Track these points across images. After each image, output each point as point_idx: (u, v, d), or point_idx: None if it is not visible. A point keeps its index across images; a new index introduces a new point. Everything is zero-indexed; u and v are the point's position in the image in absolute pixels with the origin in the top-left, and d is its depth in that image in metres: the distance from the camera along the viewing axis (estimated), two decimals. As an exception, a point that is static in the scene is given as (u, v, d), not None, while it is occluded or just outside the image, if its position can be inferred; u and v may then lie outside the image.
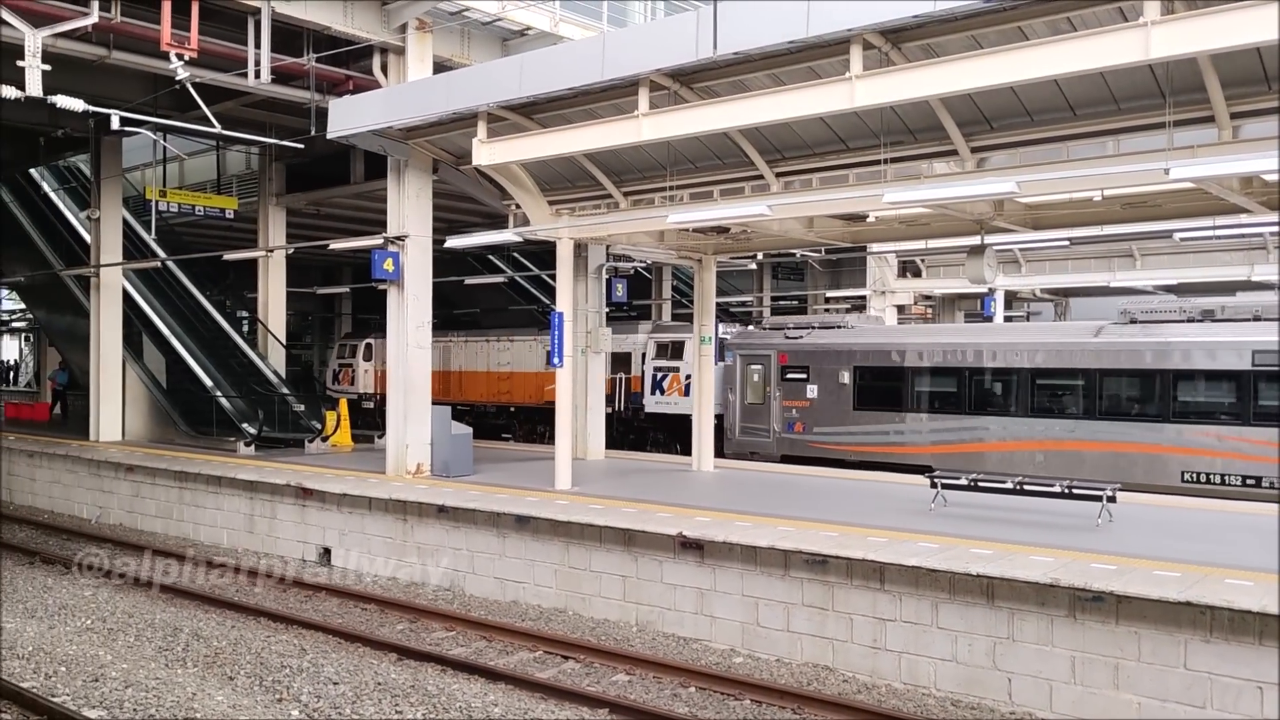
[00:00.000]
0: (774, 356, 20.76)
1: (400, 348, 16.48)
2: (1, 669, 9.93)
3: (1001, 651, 9.21)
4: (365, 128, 15.30)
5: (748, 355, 21.26)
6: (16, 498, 21.21)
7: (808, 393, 20.10)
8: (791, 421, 20.27)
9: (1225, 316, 16.18)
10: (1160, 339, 16.38)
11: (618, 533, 11.84)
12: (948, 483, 12.43)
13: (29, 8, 13.07)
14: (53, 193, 27.04)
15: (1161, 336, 16.40)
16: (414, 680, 9.81)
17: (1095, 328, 17.51)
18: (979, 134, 11.38)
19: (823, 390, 19.78)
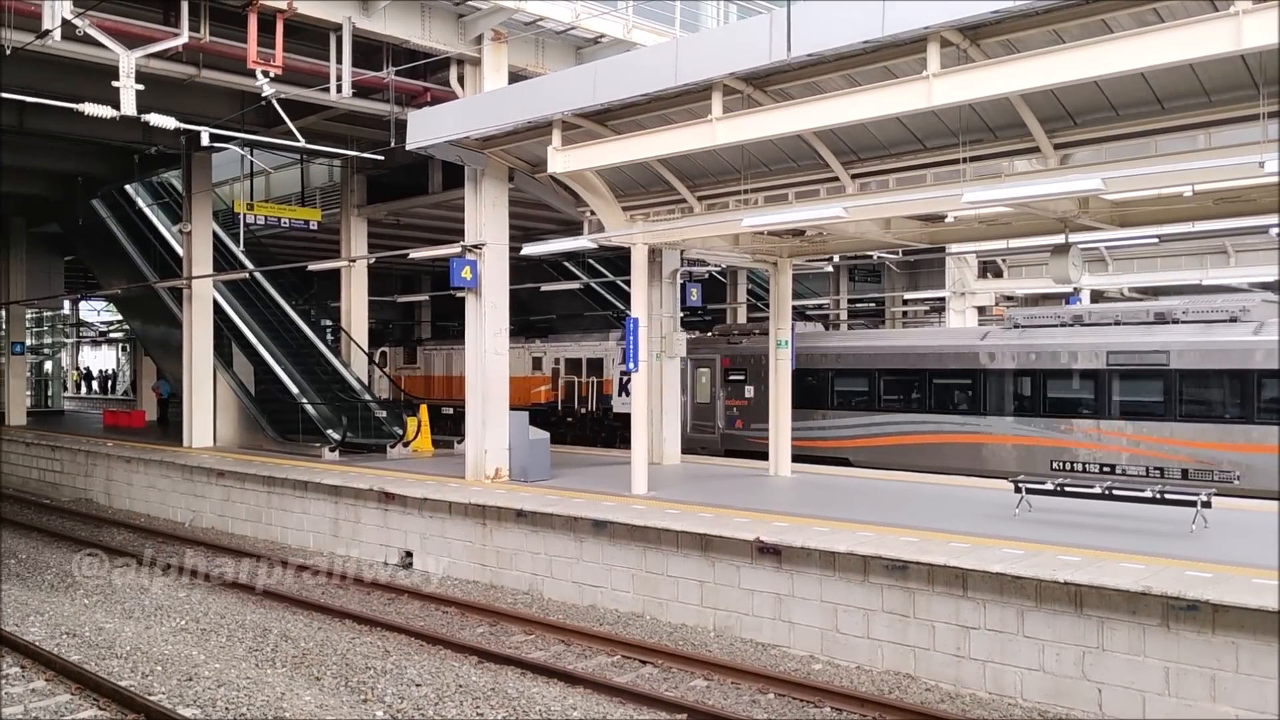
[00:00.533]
0: (718, 361, 22.71)
1: (478, 354, 16.70)
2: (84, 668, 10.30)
3: (1091, 661, 8.96)
4: (443, 138, 15.56)
5: (696, 360, 22.89)
6: (116, 502, 22.03)
7: (746, 393, 22.15)
8: (733, 419, 22.36)
9: (1091, 321, 17.77)
10: (1033, 342, 18.04)
11: (694, 537, 11.82)
12: (1032, 487, 12.14)
13: (123, 30, 13.59)
14: (147, 208, 28.05)
15: (1035, 340, 18.05)
16: (494, 683, 9.92)
17: (983, 332, 19.36)
18: (1062, 130, 11.11)
19: (758, 390, 21.28)
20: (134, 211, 27.90)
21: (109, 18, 13.48)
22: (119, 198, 27.98)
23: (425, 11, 16.09)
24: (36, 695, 9.60)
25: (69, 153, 24.74)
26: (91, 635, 11.65)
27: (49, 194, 28.22)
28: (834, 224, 13.72)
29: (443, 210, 23.43)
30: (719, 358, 22.45)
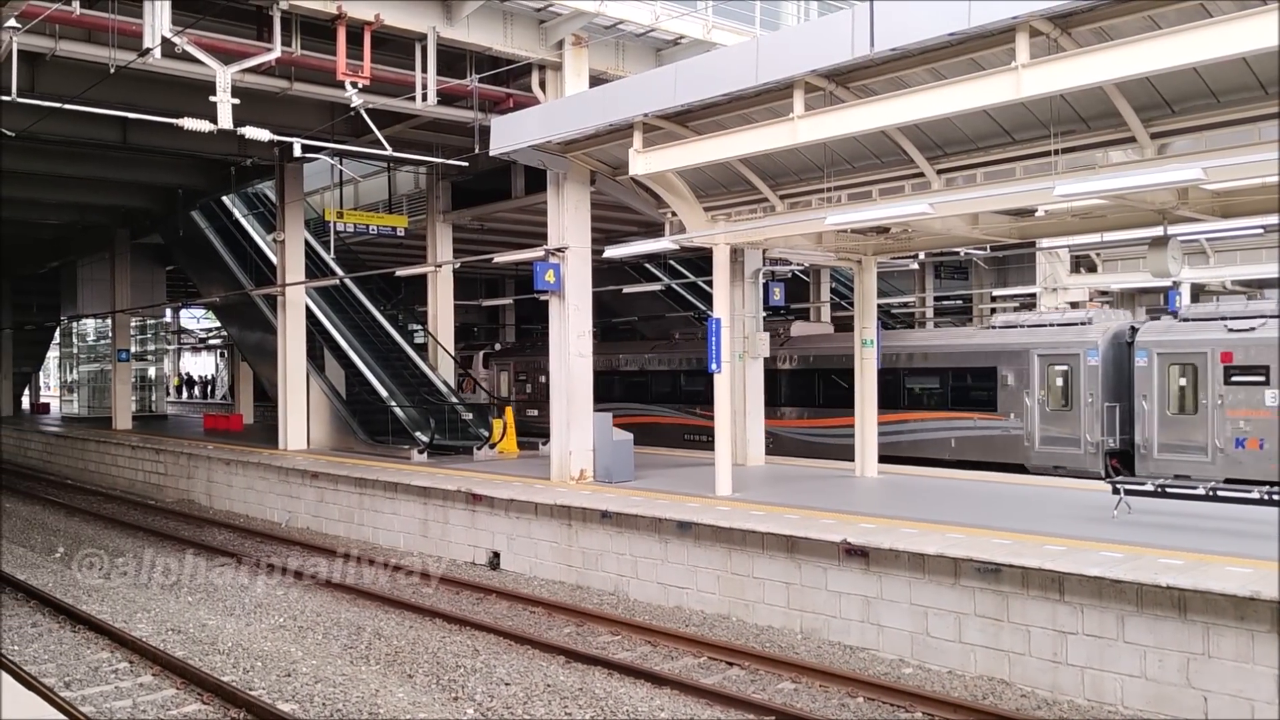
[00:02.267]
0: None
1: (562, 356, 16.85)
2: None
3: (1196, 668, 8.65)
4: (525, 143, 15.73)
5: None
6: (216, 503, 22.80)
7: None
8: None
9: None
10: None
11: (780, 539, 11.74)
12: (1131, 488, 11.76)
13: (219, 46, 14.07)
14: (243, 218, 28.98)
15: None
16: (582, 683, 9.99)
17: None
18: (1159, 119, 10.74)
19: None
20: (230, 222, 28.85)
21: (206, 35, 13.96)
22: (216, 209, 28.96)
23: (507, 19, 16.31)
24: (144, 689, 9.98)
25: (169, 166, 25.73)
26: (195, 632, 12.08)
27: (151, 206, 29.37)
28: (919, 221, 13.49)
29: (526, 214, 23.70)
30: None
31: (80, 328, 41.03)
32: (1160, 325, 18.47)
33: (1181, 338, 17.55)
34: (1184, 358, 17.36)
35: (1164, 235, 12.12)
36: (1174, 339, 17.60)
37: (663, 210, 16.58)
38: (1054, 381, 18.73)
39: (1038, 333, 19.18)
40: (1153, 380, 17.55)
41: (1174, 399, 17.45)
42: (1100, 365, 18.10)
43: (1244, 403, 16.56)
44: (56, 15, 13.10)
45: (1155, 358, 17.61)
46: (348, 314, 26.37)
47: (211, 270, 28.28)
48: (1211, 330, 17.27)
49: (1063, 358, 18.57)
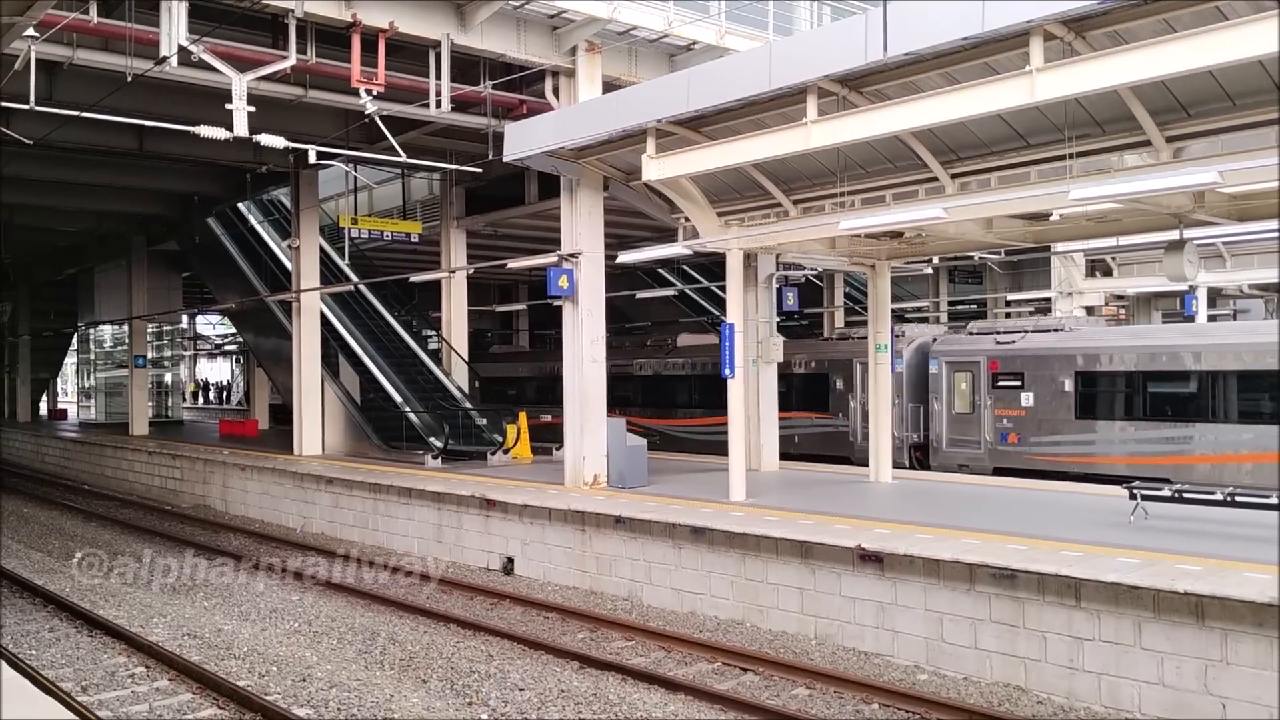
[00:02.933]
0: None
1: (575, 362, 16.87)
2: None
3: (1214, 675, 8.58)
4: (538, 149, 15.78)
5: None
6: (232, 508, 22.90)
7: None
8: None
9: None
10: None
11: (794, 545, 11.72)
12: (1148, 494, 11.69)
13: (235, 54, 14.16)
14: (258, 225, 29.13)
15: None
16: (596, 688, 9.99)
17: None
18: (1174, 122, 10.69)
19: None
20: (246, 228, 29.01)
21: (221, 43, 14.06)
22: (232, 215, 29.12)
23: (521, 25, 16.37)
24: (160, 694, 10.03)
25: (185, 173, 25.89)
26: (211, 636, 12.13)
27: (167, 213, 29.57)
28: (933, 225, 13.45)
29: (539, 220, 23.76)
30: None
31: (97, 334, 41.35)
32: (951, 338, 21.41)
33: (961, 348, 20.49)
34: (963, 365, 20.33)
35: (1180, 239, 12.06)
36: (956, 349, 20.54)
37: (676, 215, 16.59)
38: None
39: (860, 344, 20.41)
40: (941, 384, 20.56)
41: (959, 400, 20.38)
42: (905, 371, 20.83)
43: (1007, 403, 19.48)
44: (74, 24, 13.21)
45: (944, 365, 20.59)
46: (362, 320, 26.47)
47: (227, 276, 28.44)
48: (984, 342, 20.19)
49: None
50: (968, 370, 20.32)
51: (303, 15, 14.14)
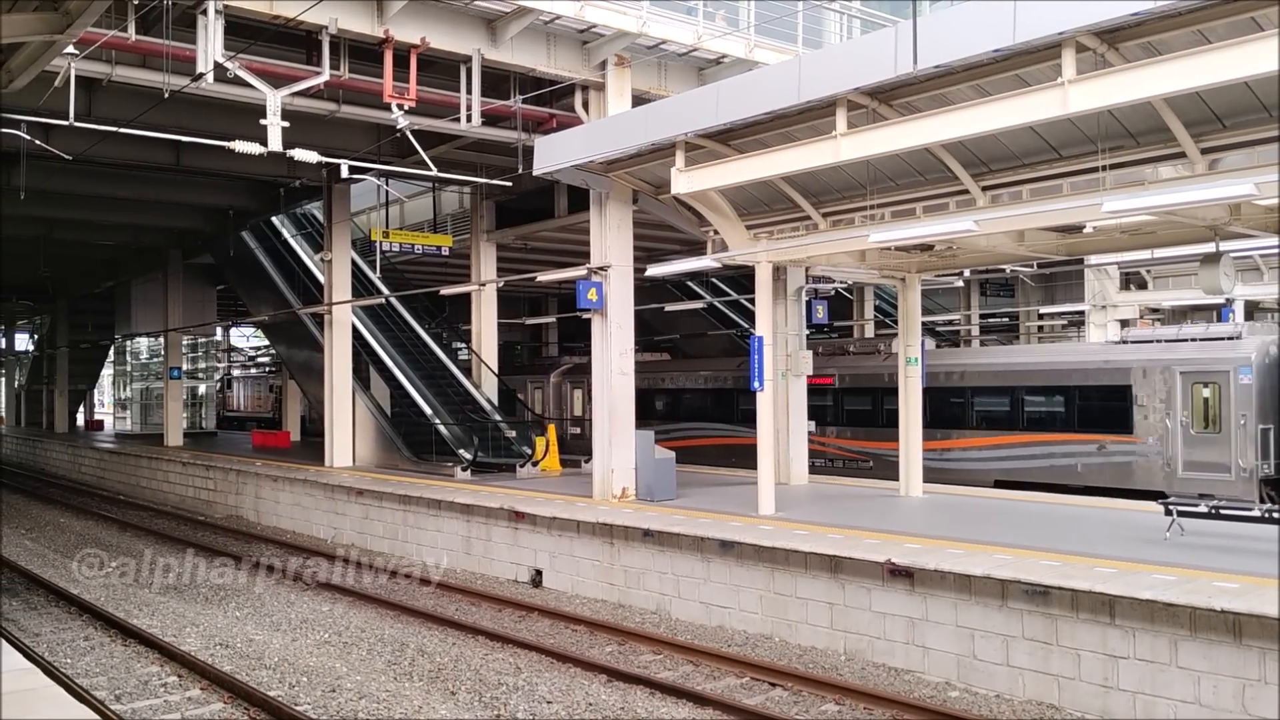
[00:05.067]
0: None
1: (604, 374, 16.88)
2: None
3: (1252, 695, 8.43)
4: (568, 163, 15.85)
5: None
6: (264, 519, 23.09)
7: None
8: None
9: None
10: None
11: (823, 559, 11.65)
12: (1185, 510, 11.52)
13: (270, 70, 14.35)
14: (291, 238, 29.46)
15: None
16: (624, 702, 9.97)
17: None
18: (1209, 134, 10.58)
19: None
20: (279, 242, 29.34)
21: (256, 59, 14.26)
22: (266, 229, 29.47)
23: (551, 40, 16.47)
24: (193, 703, 10.12)
25: (220, 188, 26.26)
26: (242, 646, 12.23)
27: (202, 227, 29.98)
28: (964, 238, 13.38)
29: (568, 233, 23.85)
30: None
31: (133, 346, 41.91)
32: None
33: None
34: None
35: (1216, 252, 11.91)
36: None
37: (705, 228, 16.60)
38: None
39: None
40: None
41: None
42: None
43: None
44: (113, 42, 13.44)
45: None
46: (393, 332, 26.65)
47: (261, 289, 28.75)
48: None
49: None
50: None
51: (336, 32, 14.31)
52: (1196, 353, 17.35)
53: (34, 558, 18.91)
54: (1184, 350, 17.56)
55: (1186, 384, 17.17)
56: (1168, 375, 17.35)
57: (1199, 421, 17.05)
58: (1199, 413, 17.03)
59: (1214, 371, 16.89)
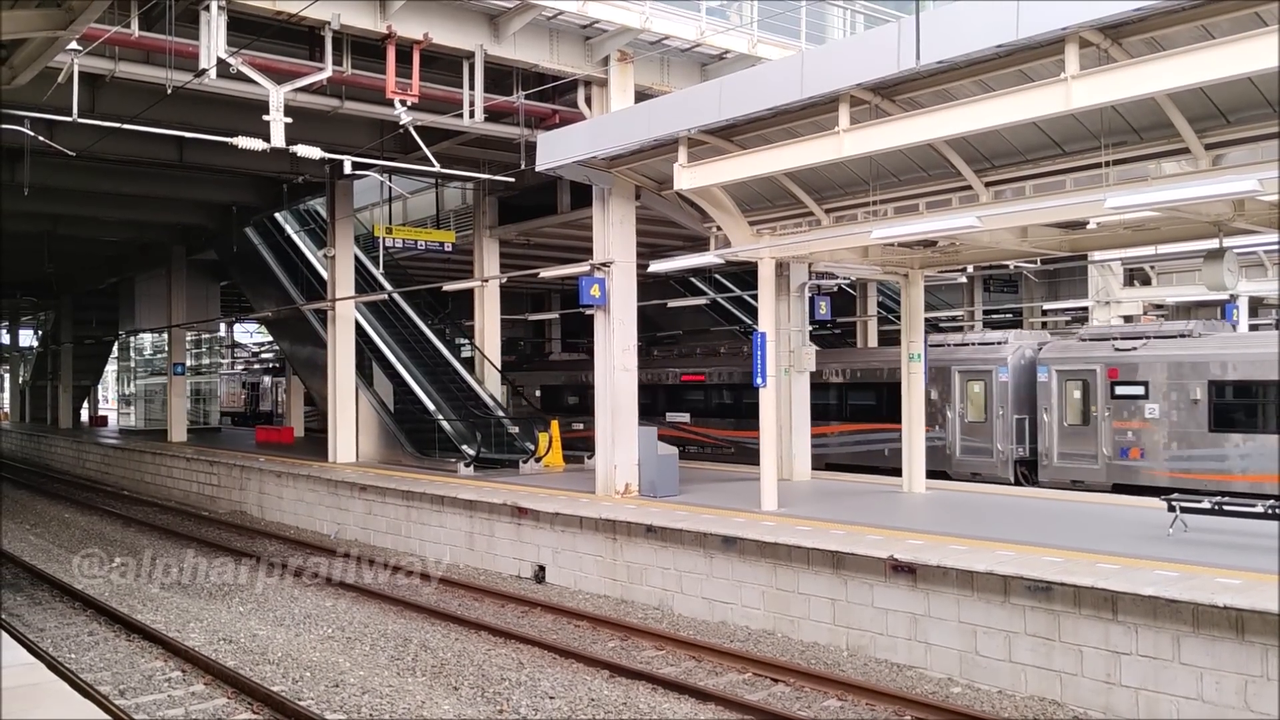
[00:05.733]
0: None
1: (606, 371, 16.89)
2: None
3: (1255, 691, 8.43)
4: (571, 159, 15.84)
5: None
6: (268, 514, 23.14)
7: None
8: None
9: None
10: None
11: (826, 555, 11.65)
12: (1188, 506, 11.51)
13: (273, 66, 14.36)
14: (294, 234, 29.49)
15: None
16: (626, 697, 9.98)
17: None
18: (1213, 129, 10.55)
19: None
20: (283, 238, 29.38)
21: (260, 55, 14.26)
22: (269, 225, 29.51)
23: (553, 36, 16.47)
24: (196, 698, 10.15)
25: (224, 184, 26.29)
26: (246, 642, 12.26)
27: (206, 223, 30.02)
28: (967, 234, 13.37)
29: (571, 229, 23.85)
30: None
31: (137, 342, 41.97)
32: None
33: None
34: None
35: (1220, 247, 11.90)
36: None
37: (708, 225, 16.59)
38: None
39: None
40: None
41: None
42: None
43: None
44: (116, 38, 13.46)
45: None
46: (396, 328, 26.69)
47: (264, 285, 28.79)
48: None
49: None
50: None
51: (339, 27, 14.32)
52: (970, 355, 20.98)
53: (38, 553, 18.97)
54: (962, 353, 21.15)
55: (963, 382, 20.87)
56: (950, 375, 20.93)
57: (971, 413, 20.85)
58: (971, 405, 20.83)
59: (981, 371, 20.64)
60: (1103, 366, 18.93)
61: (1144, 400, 18.28)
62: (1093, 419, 18.94)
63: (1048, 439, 19.63)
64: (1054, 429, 19.58)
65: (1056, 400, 19.54)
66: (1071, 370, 19.42)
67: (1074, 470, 19.21)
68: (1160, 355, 18.34)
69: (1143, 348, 18.61)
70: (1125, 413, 18.53)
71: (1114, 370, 18.77)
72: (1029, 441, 20.07)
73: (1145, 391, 18.29)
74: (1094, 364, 19.11)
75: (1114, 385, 18.74)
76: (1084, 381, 19.19)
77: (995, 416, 20.28)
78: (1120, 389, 18.63)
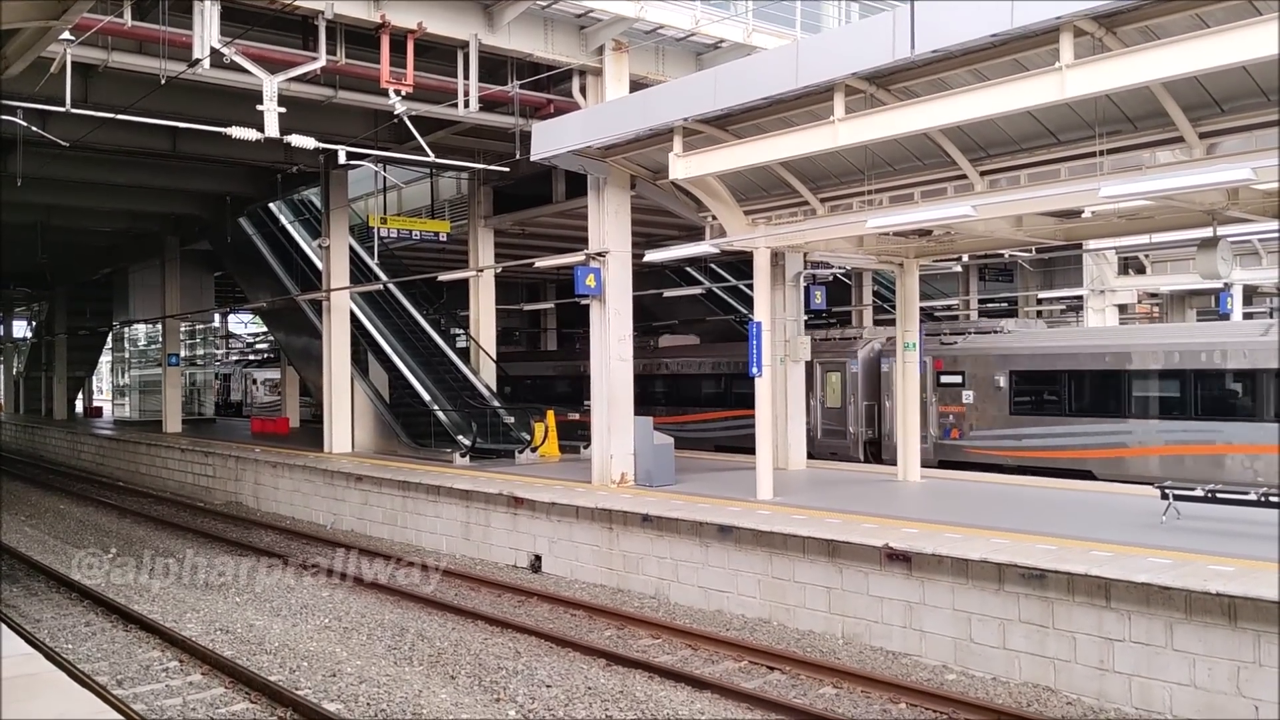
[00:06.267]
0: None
1: (602, 361, 16.90)
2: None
3: (1247, 677, 8.49)
4: (566, 148, 15.82)
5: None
6: (263, 505, 23.15)
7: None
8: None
9: None
10: None
11: (821, 543, 11.70)
12: (1181, 494, 11.57)
13: (266, 56, 14.30)
14: (289, 225, 29.41)
15: None
16: (623, 686, 10.03)
17: None
18: (1207, 118, 10.57)
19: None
20: (277, 228, 29.29)
21: (253, 45, 14.20)
22: (263, 215, 29.41)
23: (548, 25, 16.43)
24: (194, 688, 10.17)
25: (218, 174, 26.18)
26: (243, 632, 12.28)
27: (200, 213, 29.92)
28: (962, 223, 13.37)
29: (566, 219, 23.83)
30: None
31: (131, 333, 41.84)
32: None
33: None
34: None
35: (1214, 236, 11.92)
36: None
37: (703, 214, 16.59)
38: None
39: None
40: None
41: None
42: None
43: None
44: (109, 27, 13.40)
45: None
46: (391, 319, 26.66)
47: (259, 276, 28.73)
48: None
49: None
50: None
51: (332, 17, 14.26)
52: (830, 349, 23.35)
53: (34, 544, 18.97)
54: (824, 347, 23.17)
55: (824, 373, 23.33)
56: (814, 367, 22.74)
57: (830, 400, 23.30)
58: (830, 393, 23.32)
59: (837, 363, 23.16)
60: (931, 358, 20.99)
61: (962, 388, 20.88)
62: (923, 404, 20.53)
63: (889, 422, 21.73)
64: (894, 413, 21.15)
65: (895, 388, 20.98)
66: None
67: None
68: (974, 349, 20.80)
69: (962, 341, 21.21)
70: (948, 398, 21.08)
71: (939, 361, 21.24)
72: (876, 424, 22.62)
73: (963, 380, 20.87)
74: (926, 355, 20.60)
75: (939, 375, 21.27)
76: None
77: (848, 403, 22.88)
78: (945, 378, 21.20)
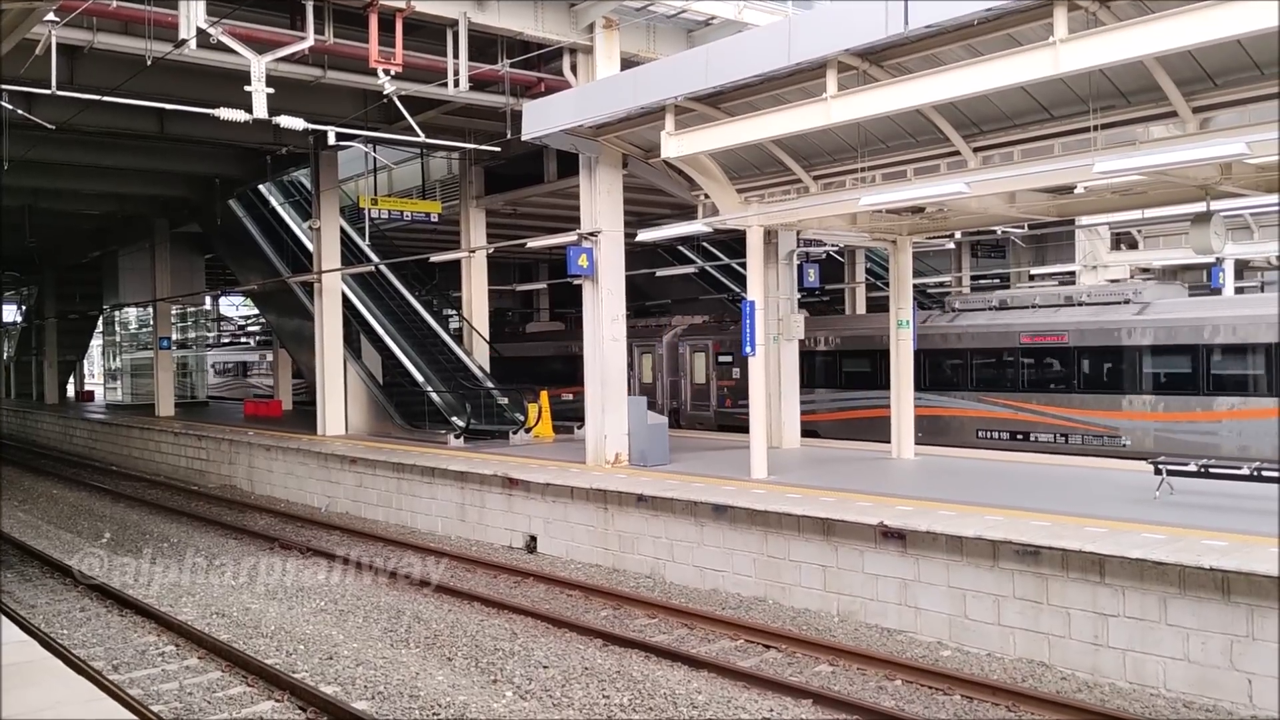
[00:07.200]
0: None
1: (595, 341, 16.87)
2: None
3: (1240, 651, 8.54)
4: (557, 128, 15.73)
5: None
6: (258, 488, 23.13)
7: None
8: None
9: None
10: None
11: (816, 522, 11.72)
12: (1174, 469, 11.60)
13: (253, 36, 14.16)
14: (279, 206, 29.24)
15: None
16: (619, 666, 10.05)
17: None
18: (1201, 92, 10.53)
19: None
20: (267, 210, 29.12)
21: (240, 25, 14.07)
22: (253, 197, 29.23)
23: (538, 3, 16.30)
24: (190, 672, 10.17)
25: (206, 156, 25.98)
26: (239, 615, 12.28)
27: (189, 195, 29.72)
28: (955, 200, 13.35)
29: (558, 199, 23.71)
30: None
31: (122, 316, 41.67)
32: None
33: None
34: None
35: (1207, 211, 11.89)
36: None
37: (695, 192, 16.52)
38: None
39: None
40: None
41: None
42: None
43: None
44: (94, 8, 13.25)
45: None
46: (383, 300, 26.56)
47: (249, 258, 28.58)
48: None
49: None
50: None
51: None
52: (643, 334, 27.17)
53: (27, 529, 18.93)
54: (641, 334, 26.85)
55: (639, 354, 26.81)
56: (632, 349, 24.74)
57: (646, 376, 27.21)
58: (645, 370, 27.22)
59: (648, 347, 27.20)
60: (713, 341, 25.80)
61: (732, 365, 24.84)
62: (708, 379, 25.92)
63: (684, 394, 26.42)
64: (686, 387, 26.62)
65: (688, 367, 26.61)
66: (695, 345, 26.40)
67: (698, 416, 25.98)
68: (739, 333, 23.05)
69: (734, 327, 24.46)
70: (724, 374, 25.41)
71: (718, 344, 25.66)
72: (679, 397, 26.67)
73: (733, 359, 24.67)
74: (709, 339, 26.08)
75: (718, 355, 25.64)
76: (704, 353, 26.14)
77: (658, 379, 26.95)
78: (721, 358, 25.56)
